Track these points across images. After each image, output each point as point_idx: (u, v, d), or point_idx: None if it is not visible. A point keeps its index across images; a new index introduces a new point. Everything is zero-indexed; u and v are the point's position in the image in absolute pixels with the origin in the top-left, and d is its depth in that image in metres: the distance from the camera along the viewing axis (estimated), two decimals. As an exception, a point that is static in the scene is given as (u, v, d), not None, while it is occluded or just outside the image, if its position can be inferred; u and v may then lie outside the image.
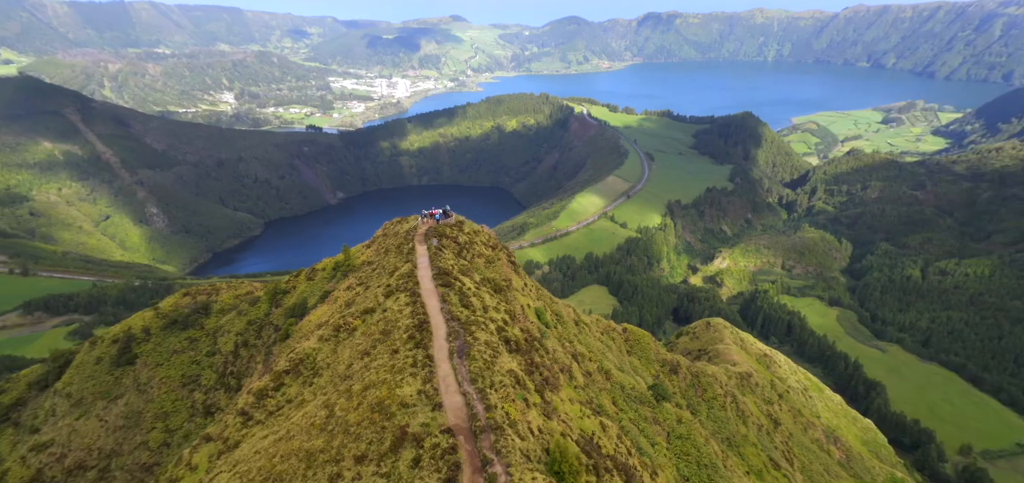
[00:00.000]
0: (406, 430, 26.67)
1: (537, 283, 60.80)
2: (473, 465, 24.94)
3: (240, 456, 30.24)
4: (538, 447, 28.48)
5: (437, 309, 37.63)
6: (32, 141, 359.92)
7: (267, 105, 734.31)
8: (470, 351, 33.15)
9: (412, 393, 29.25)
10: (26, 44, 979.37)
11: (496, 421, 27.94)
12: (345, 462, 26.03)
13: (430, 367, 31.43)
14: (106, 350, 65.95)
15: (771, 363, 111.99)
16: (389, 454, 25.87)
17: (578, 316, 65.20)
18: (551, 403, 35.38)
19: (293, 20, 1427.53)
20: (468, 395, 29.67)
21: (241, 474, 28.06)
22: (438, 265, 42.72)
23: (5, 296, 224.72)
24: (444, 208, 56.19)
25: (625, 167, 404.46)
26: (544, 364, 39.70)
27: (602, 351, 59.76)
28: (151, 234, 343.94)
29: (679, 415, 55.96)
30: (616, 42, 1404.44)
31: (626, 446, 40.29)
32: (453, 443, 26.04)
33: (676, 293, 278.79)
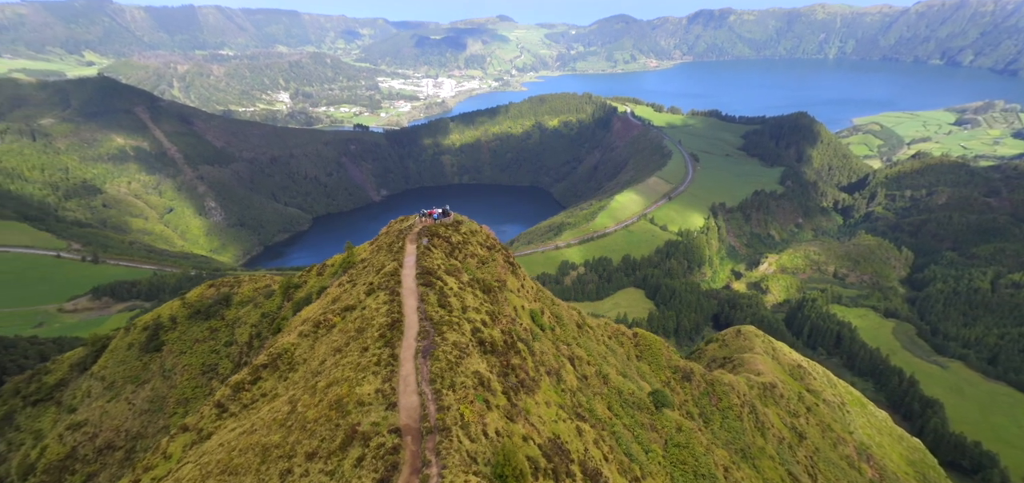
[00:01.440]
0: (357, 428, 27.14)
1: (538, 285, 60.39)
2: (412, 466, 25.10)
3: (207, 448, 31.66)
4: (490, 450, 28.31)
5: (414, 308, 38.07)
6: (106, 137, 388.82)
7: (319, 104, 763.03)
8: (435, 351, 33.34)
9: (370, 392, 29.72)
10: (107, 46, 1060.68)
11: (445, 423, 27.98)
12: (297, 458, 26.76)
13: (393, 366, 31.84)
14: (137, 337, 70.58)
15: (804, 375, 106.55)
16: (338, 452, 26.40)
17: (582, 319, 64.28)
18: (520, 406, 35.07)
19: (346, 22, 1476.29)
20: (424, 395, 29.86)
21: (201, 465, 29.39)
22: (423, 264, 43.20)
23: (78, 281, 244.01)
24: (444, 208, 56.70)
25: (668, 168, 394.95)
26: (522, 366, 39.39)
27: (603, 355, 58.65)
28: (209, 226, 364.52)
29: (679, 423, 54.18)
30: (665, 40, 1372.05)
31: (602, 451, 39.47)
32: (398, 443, 26.29)
33: (717, 299, 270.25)
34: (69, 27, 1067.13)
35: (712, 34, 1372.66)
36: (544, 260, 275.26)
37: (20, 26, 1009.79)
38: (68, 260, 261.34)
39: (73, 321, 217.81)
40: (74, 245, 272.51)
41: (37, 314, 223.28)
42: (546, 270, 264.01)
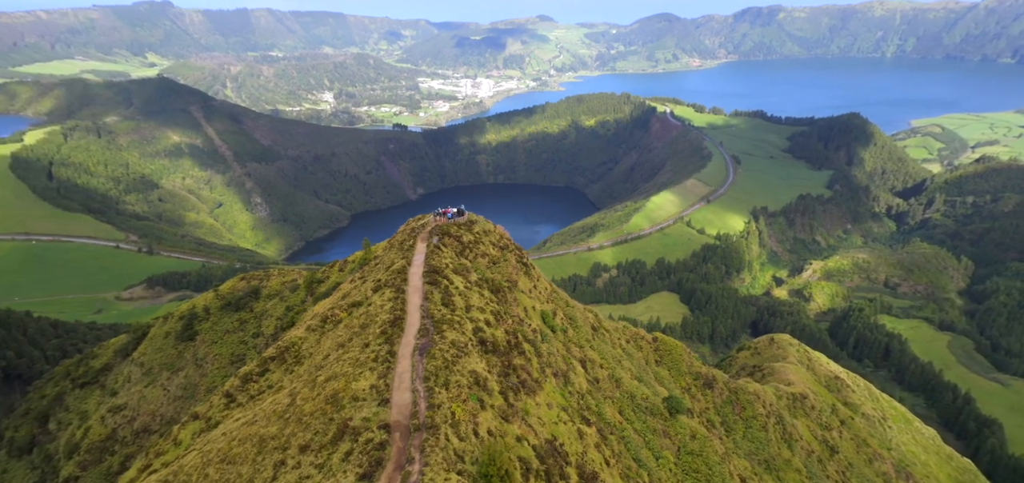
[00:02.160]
0: (348, 423, 27.77)
1: (553, 286, 60.03)
2: (397, 462, 25.48)
3: (212, 436, 33.07)
4: (479, 449, 28.43)
5: (417, 306, 38.59)
6: (164, 134, 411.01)
7: (361, 104, 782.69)
8: (431, 349, 33.70)
9: (365, 387, 30.34)
10: (168, 48, 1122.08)
11: (435, 420, 28.26)
12: (290, 450, 27.63)
13: (390, 363, 32.38)
14: (173, 326, 74.43)
15: (842, 387, 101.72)
16: (329, 445, 27.10)
17: (599, 322, 63.50)
18: (517, 407, 35.03)
19: (389, 23, 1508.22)
20: (417, 393, 30.23)
21: (204, 453, 30.74)
22: (431, 263, 43.70)
23: (134, 271, 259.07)
24: (459, 207, 57.17)
25: (707, 170, 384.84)
26: (524, 367, 39.31)
27: (618, 359, 57.75)
28: (255, 221, 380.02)
29: (693, 430, 52.80)
30: (709, 39, 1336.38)
31: (605, 455, 38.97)
32: (385, 439, 26.75)
33: (755, 306, 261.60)
34: (134, 30, 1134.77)
35: (760, 32, 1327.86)
36: (576, 261, 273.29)
37: (91, 29, 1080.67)
38: (126, 251, 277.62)
39: (128, 309, 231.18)
40: (132, 237, 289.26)
41: (97, 301, 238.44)
42: (578, 272, 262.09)
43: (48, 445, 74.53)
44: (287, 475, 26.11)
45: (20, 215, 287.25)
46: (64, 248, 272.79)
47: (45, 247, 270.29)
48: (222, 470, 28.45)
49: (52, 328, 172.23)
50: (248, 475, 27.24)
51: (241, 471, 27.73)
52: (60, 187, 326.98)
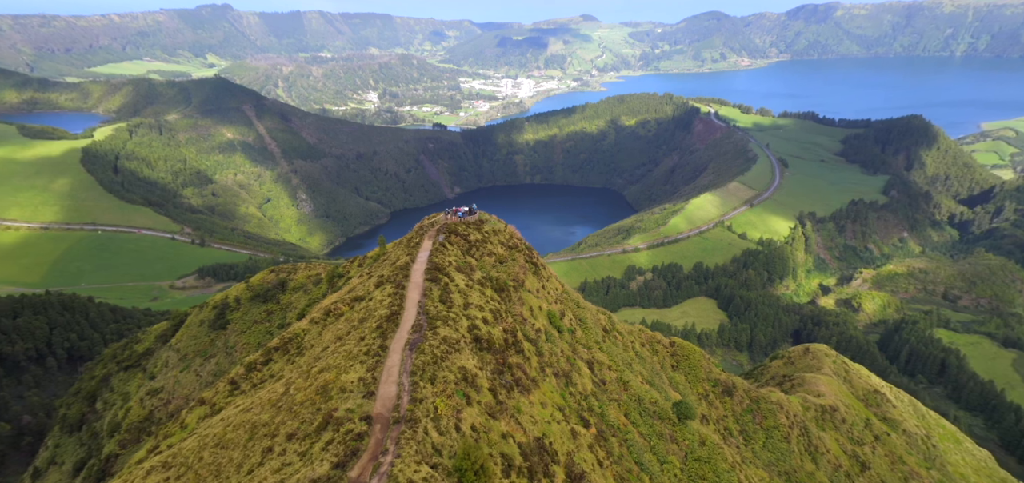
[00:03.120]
0: (333, 414, 28.68)
1: (564, 287, 59.69)
2: (372, 453, 26.14)
3: (213, 421, 34.76)
4: (459, 444, 28.80)
5: (415, 302, 39.33)
6: (219, 132, 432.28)
7: (404, 104, 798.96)
8: (421, 345, 34.30)
9: (354, 379, 31.21)
10: (226, 50, 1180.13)
11: (415, 414, 28.79)
12: (278, 437, 28.79)
13: (380, 357, 33.17)
14: (207, 315, 78.47)
15: (881, 402, 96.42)
16: (313, 435, 28.08)
17: (612, 324, 62.66)
18: (507, 404, 35.20)
19: (434, 24, 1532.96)
20: (402, 386, 30.89)
21: (202, 437, 32.39)
22: (434, 260, 44.40)
23: (187, 261, 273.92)
24: (470, 206, 57.70)
25: (751, 173, 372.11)
26: (520, 366, 39.43)
27: (628, 362, 56.90)
28: (299, 216, 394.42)
29: (703, 436, 51.47)
30: (760, 37, 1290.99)
31: (598, 456, 38.66)
32: (365, 430, 27.48)
33: (799, 314, 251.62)
34: (196, 32, 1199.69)
35: (815, 30, 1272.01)
36: (610, 263, 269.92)
37: (157, 32, 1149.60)
38: (181, 242, 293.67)
39: (181, 297, 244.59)
40: (186, 229, 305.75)
41: (153, 289, 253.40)
42: (611, 274, 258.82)
43: (95, 423, 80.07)
44: (272, 461, 27.26)
45: (88, 207, 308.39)
46: (126, 238, 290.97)
47: (109, 237, 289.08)
48: (215, 454, 29.97)
49: (111, 313, 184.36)
50: (238, 459, 28.60)
51: (232, 455, 29.12)
52: (124, 181, 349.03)
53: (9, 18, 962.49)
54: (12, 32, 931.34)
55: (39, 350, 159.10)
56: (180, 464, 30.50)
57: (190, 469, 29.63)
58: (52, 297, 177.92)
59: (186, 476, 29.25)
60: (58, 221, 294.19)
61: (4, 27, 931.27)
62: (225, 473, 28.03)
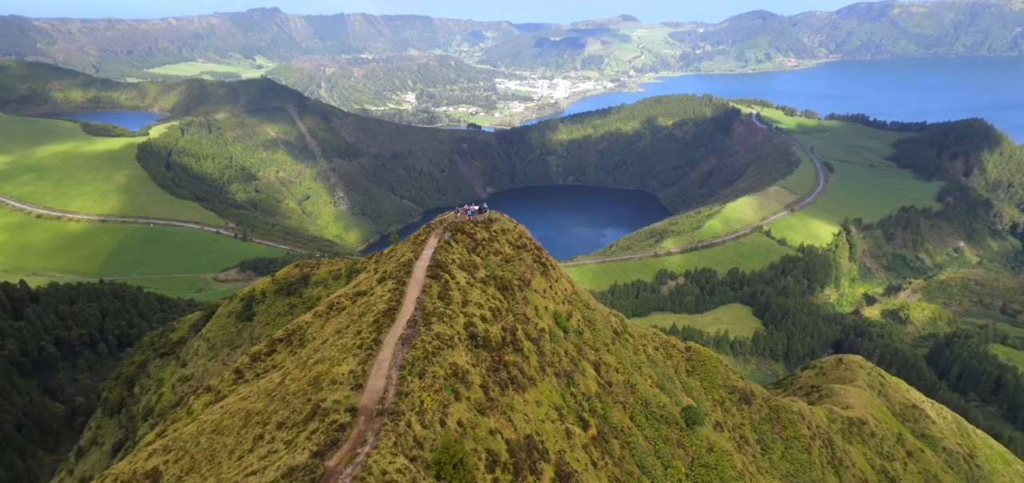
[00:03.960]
0: (321, 404, 29.48)
1: (574, 288, 59.20)
2: (352, 443, 26.72)
3: (214, 408, 36.21)
4: (443, 438, 29.11)
5: (414, 298, 39.91)
6: (263, 130, 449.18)
7: (440, 104, 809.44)
8: (413, 340, 34.79)
9: (345, 372, 31.96)
10: (273, 51, 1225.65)
11: (399, 407, 29.24)
12: (269, 426, 29.80)
13: (373, 351, 33.82)
14: (236, 306, 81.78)
15: (919, 418, 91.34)
16: (301, 424, 28.93)
17: (623, 327, 61.74)
18: (499, 401, 35.31)
19: (472, 25, 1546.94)
20: (390, 380, 31.44)
21: (201, 423, 33.82)
22: (437, 258, 44.90)
23: (230, 255, 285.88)
24: (480, 205, 58.03)
25: (793, 177, 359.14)
26: (517, 364, 39.46)
27: (637, 365, 55.99)
28: (337, 214, 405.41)
29: (711, 443, 50.16)
30: (808, 37, 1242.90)
31: (592, 456, 38.33)
32: (349, 421, 28.12)
33: (840, 324, 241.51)
34: (246, 35, 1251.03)
35: (868, 29, 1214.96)
36: (641, 266, 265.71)
37: (211, 34, 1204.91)
38: (225, 236, 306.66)
39: (223, 289, 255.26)
40: (230, 223, 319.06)
41: (198, 280, 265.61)
42: (642, 277, 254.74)
43: (133, 407, 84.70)
44: (261, 448, 28.28)
45: (142, 201, 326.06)
46: (175, 231, 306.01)
47: (160, 230, 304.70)
48: (211, 440, 31.29)
49: (158, 302, 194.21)
50: (231, 445, 29.79)
51: (226, 442, 30.35)
52: (175, 176, 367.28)
53: (78, 22, 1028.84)
54: (81, 35, 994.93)
55: (92, 336, 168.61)
56: (178, 448, 32.03)
57: (187, 453, 31.08)
58: (105, 286, 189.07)
59: (183, 460, 30.70)
60: (115, 214, 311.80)
61: (74, 30, 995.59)
62: (218, 458, 29.27)
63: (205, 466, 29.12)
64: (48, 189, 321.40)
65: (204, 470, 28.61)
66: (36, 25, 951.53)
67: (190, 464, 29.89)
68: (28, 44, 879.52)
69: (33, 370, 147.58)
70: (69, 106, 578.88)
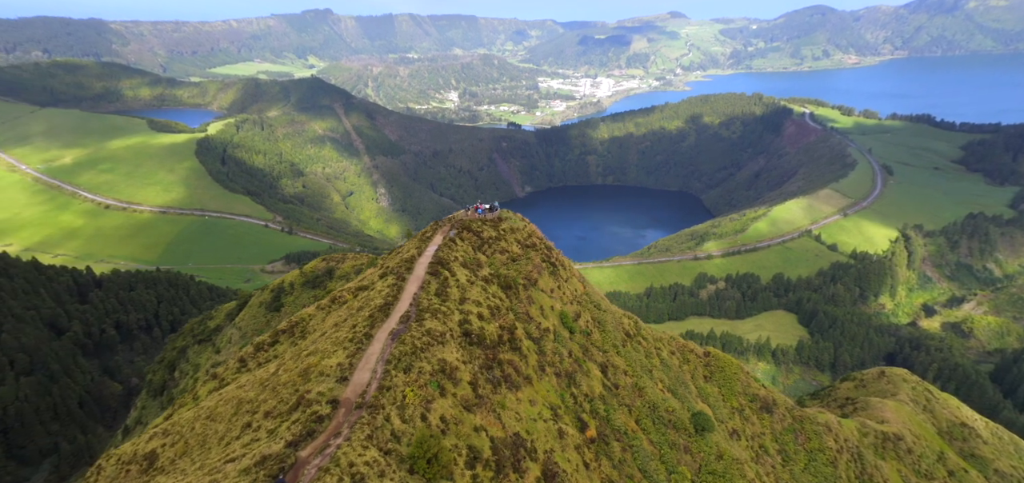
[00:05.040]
0: (306, 395, 30.26)
1: (585, 289, 58.18)
2: (327, 435, 27.27)
3: (214, 395, 37.75)
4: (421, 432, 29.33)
5: (411, 294, 40.31)
6: (311, 128, 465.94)
7: (482, 103, 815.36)
8: (403, 335, 35.12)
9: (333, 364, 32.63)
10: (325, 51, 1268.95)
11: (379, 401, 29.60)
12: (258, 414, 30.81)
13: (363, 345, 34.38)
14: (266, 297, 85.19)
15: (968, 436, 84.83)
16: (286, 414, 29.80)
17: (637, 330, 60.21)
18: (490, 398, 35.24)
19: (517, 24, 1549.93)
20: (375, 374, 31.87)
21: (199, 408, 35.31)
22: (439, 255, 45.17)
23: (277, 247, 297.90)
24: (491, 204, 57.97)
25: (848, 180, 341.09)
26: (512, 362, 39.26)
27: (648, 368, 54.56)
28: (378, 210, 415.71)
29: (721, 451, 48.35)
30: (871, 33, 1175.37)
31: (585, 458, 37.72)
32: (328, 413, 28.71)
33: (895, 336, 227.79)
34: (300, 35, 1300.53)
35: (940, 23, 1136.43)
36: (679, 269, 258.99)
37: (267, 35, 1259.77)
38: (272, 229, 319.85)
39: (268, 280, 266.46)
40: (278, 217, 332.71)
41: (247, 271, 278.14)
42: (680, 280, 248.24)
43: (173, 389, 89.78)
44: (246, 436, 29.33)
45: (198, 194, 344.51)
46: (227, 224, 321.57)
47: (214, 222, 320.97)
48: (205, 425, 32.68)
49: (208, 291, 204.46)
50: (222, 432, 31.03)
51: (218, 428, 31.62)
52: (229, 171, 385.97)
53: (149, 24, 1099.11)
54: (151, 36, 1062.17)
55: (148, 320, 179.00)
56: (176, 432, 33.65)
57: (182, 438, 32.61)
58: (161, 274, 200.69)
59: (178, 444, 32.25)
60: (175, 205, 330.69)
61: (145, 32, 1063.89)
62: (209, 443, 30.57)
63: (196, 450, 30.47)
64: (117, 181, 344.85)
65: (195, 454, 29.94)
66: (112, 27, 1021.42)
67: (183, 448, 31.35)
68: (104, 45, 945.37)
69: (95, 351, 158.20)
70: (138, 103, 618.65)
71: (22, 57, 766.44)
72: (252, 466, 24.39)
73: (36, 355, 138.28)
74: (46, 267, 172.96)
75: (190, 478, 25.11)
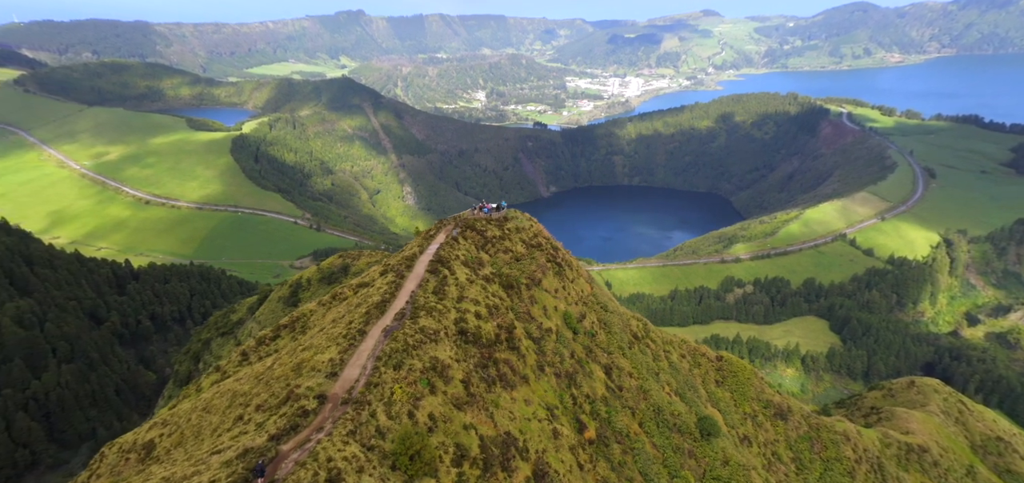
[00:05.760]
0: (295, 390, 30.71)
1: (593, 290, 57.39)
2: (311, 429, 27.54)
3: (214, 387, 38.68)
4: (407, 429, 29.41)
5: (408, 292, 40.47)
6: (341, 127, 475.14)
7: (509, 102, 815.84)
8: (396, 332, 35.25)
9: (325, 360, 32.99)
10: (357, 51, 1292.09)
11: (366, 397, 29.78)
12: (250, 407, 31.40)
13: (356, 341, 34.64)
14: (284, 292, 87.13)
15: (1004, 451, 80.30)
16: (275, 408, 30.29)
17: (646, 333, 59.05)
18: (482, 397, 35.10)
19: (546, 23, 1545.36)
20: (364, 370, 32.09)
21: (197, 400, 36.20)
22: (440, 253, 45.23)
23: (305, 244, 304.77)
24: (498, 203, 57.78)
25: (887, 182, 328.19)
26: (508, 361, 39.04)
27: (655, 371, 53.49)
28: (404, 208, 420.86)
29: (727, 456, 47.09)
30: (917, 30, 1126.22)
31: (579, 459, 37.26)
32: (314, 408, 29.03)
33: (933, 345, 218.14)
34: (333, 36, 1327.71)
35: (991, 20, 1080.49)
36: (705, 272, 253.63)
37: (302, 36, 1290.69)
38: (301, 226, 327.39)
39: (296, 276, 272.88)
40: (306, 215, 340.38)
41: (276, 267, 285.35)
42: (706, 283, 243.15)
43: (197, 380, 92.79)
44: (236, 428, 29.95)
45: (232, 191, 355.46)
46: (259, 220, 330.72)
47: (246, 218, 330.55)
48: (201, 417, 33.51)
49: (239, 285, 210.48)
50: (215, 423, 31.77)
51: (212, 419, 32.38)
52: (262, 169, 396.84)
53: (191, 26, 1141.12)
54: (192, 38, 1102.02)
55: (181, 312, 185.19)
56: (174, 423, 34.66)
57: (179, 428, 33.55)
58: (194, 268, 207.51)
59: (174, 434, 33.19)
60: (210, 202, 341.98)
61: (187, 34, 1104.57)
62: (202, 435, 31.35)
63: (190, 441, 31.29)
64: (158, 176, 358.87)
65: (188, 445, 30.75)
66: (157, 29, 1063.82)
67: (179, 438, 32.24)
68: (149, 46, 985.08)
69: (131, 341, 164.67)
70: (178, 102, 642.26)
71: (74, 58, 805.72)
72: (234, 459, 24.86)
73: (77, 344, 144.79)
74: (88, 259, 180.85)
75: (177, 468, 25.80)
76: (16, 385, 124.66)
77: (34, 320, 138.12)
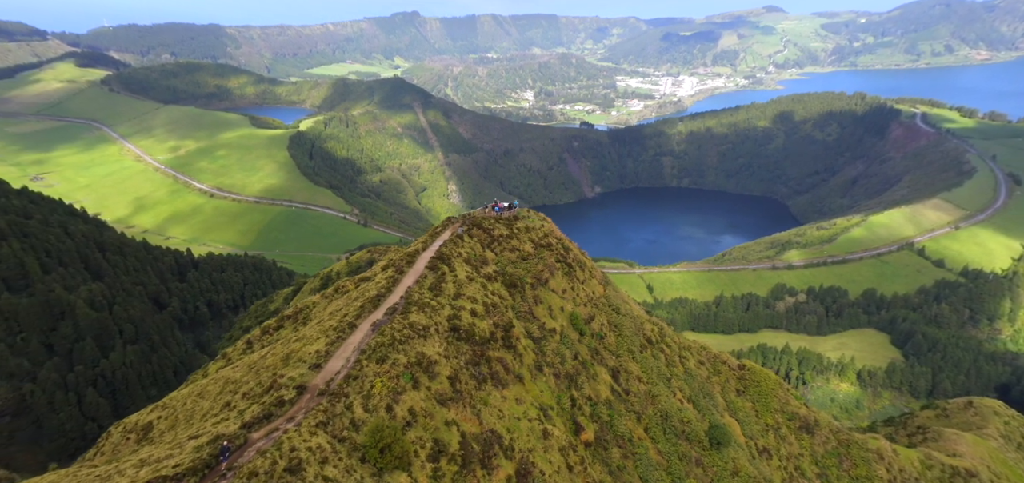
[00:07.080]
0: (278, 380, 31.44)
1: (606, 291, 55.70)
2: (283, 419, 28.03)
3: (214, 374, 40.18)
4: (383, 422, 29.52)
5: (405, 287, 40.62)
6: (391, 125, 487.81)
7: (557, 102, 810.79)
8: (384, 327, 35.39)
9: (312, 352, 33.55)
10: (410, 52, 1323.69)
11: (344, 390, 30.01)
12: (238, 395, 32.38)
13: (345, 334, 35.08)
14: (315, 284, 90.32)
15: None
16: (259, 396, 31.13)
17: (661, 337, 56.73)
18: (470, 394, 34.78)
19: (598, 22, 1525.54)
20: (347, 362, 32.41)
21: (194, 385, 37.67)
22: (441, 250, 45.17)
23: (352, 238, 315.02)
24: (510, 202, 57.14)
25: (963, 189, 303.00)
26: (502, 360, 38.52)
27: (666, 377, 51.39)
28: (448, 207, 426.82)
29: (738, 467, 44.65)
30: (1009, 25, 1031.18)
31: (569, 461, 36.32)
32: (292, 398, 29.57)
33: (1010, 365, 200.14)
34: (388, 37, 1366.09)
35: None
36: (754, 279, 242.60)
37: (359, 37, 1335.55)
38: (350, 222, 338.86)
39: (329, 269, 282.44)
40: (355, 210, 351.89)
41: (326, 260, 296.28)
42: (754, 290, 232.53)
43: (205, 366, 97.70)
44: (222, 414, 31.02)
45: (288, 186, 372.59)
46: (311, 215, 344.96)
47: (300, 212, 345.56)
48: (195, 402, 34.91)
49: (288, 277, 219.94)
50: (206, 408, 33.02)
51: (204, 404, 33.66)
52: (316, 165, 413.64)
53: (258, 29, 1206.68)
54: (259, 40, 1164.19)
55: (235, 301, 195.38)
56: (172, 407, 36.32)
57: (175, 412, 35.12)
58: (248, 259, 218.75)
59: (170, 418, 34.77)
60: (268, 196, 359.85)
61: (254, 36, 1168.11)
62: (193, 419, 32.67)
63: (182, 425, 32.70)
64: (223, 171, 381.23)
65: (180, 428, 32.15)
66: (228, 32, 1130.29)
67: (173, 421, 33.77)
68: (220, 48, 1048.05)
69: (190, 326, 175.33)
70: (243, 101, 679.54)
71: (154, 59, 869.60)
72: (206, 443, 25.69)
73: (141, 327, 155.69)
74: (153, 247, 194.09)
75: (158, 449, 26.99)
76: (87, 362, 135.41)
77: (104, 303, 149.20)
